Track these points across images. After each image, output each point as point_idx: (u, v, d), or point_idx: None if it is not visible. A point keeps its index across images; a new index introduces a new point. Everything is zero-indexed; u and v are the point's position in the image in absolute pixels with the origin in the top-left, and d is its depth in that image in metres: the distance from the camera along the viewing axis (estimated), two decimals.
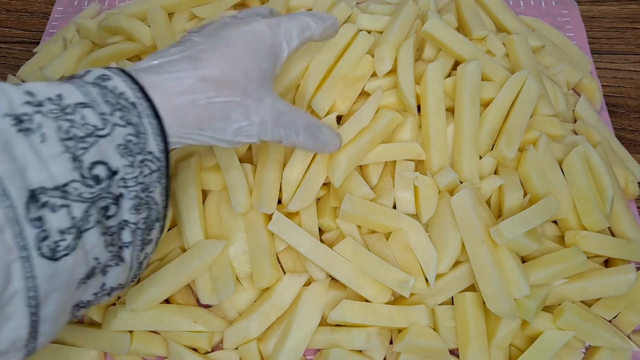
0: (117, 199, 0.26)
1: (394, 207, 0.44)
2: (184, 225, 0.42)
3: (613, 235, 0.46)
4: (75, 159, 0.24)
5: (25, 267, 0.22)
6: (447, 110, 0.47)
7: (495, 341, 0.40)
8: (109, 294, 0.29)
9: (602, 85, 0.57)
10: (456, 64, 0.50)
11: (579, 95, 0.54)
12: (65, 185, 0.23)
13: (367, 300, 0.41)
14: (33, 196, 0.22)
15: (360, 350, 0.40)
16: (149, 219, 0.28)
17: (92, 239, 0.24)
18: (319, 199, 0.46)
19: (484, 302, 0.40)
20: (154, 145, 0.27)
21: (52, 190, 0.23)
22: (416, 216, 0.43)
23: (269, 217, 0.42)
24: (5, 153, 0.22)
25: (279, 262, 0.44)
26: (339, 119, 0.47)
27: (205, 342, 0.41)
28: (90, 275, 0.26)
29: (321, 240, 0.44)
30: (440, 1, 0.57)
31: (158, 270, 0.41)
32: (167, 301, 0.42)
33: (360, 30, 0.49)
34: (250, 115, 0.32)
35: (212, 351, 0.42)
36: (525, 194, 0.44)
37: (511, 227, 0.39)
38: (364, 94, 0.48)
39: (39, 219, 0.22)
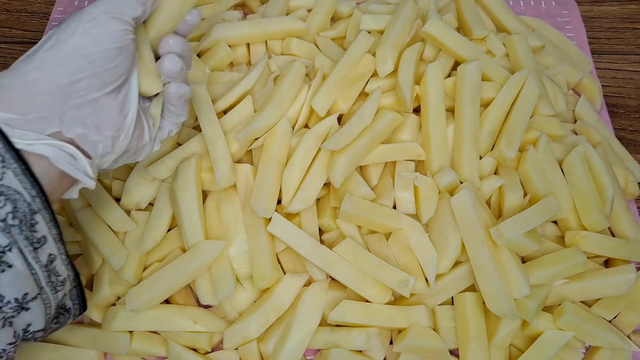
0: None
1: (394, 207, 0.44)
2: (184, 225, 0.42)
3: (613, 235, 0.46)
4: None
5: None
6: (447, 110, 0.47)
7: (495, 341, 0.40)
8: (22, 308, 0.28)
9: (602, 85, 0.57)
10: (456, 64, 0.50)
11: (579, 95, 0.54)
12: None
13: (367, 301, 0.41)
14: None
15: (360, 351, 0.40)
16: (17, 211, 0.27)
17: None
18: (319, 199, 0.46)
19: (484, 302, 0.40)
20: None
21: None
22: (416, 216, 0.43)
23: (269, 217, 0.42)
24: None
25: (279, 263, 0.44)
26: (340, 118, 0.47)
27: (205, 342, 0.41)
28: None
29: (321, 241, 0.44)
30: (440, 1, 0.57)
31: (158, 271, 0.41)
32: (167, 301, 0.42)
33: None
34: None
35: (212, 351, 0.42)
36: (525, 194, 0.44)
37: (511, 227, 0.39)
38: (363, 95, 0.48)
39: None
